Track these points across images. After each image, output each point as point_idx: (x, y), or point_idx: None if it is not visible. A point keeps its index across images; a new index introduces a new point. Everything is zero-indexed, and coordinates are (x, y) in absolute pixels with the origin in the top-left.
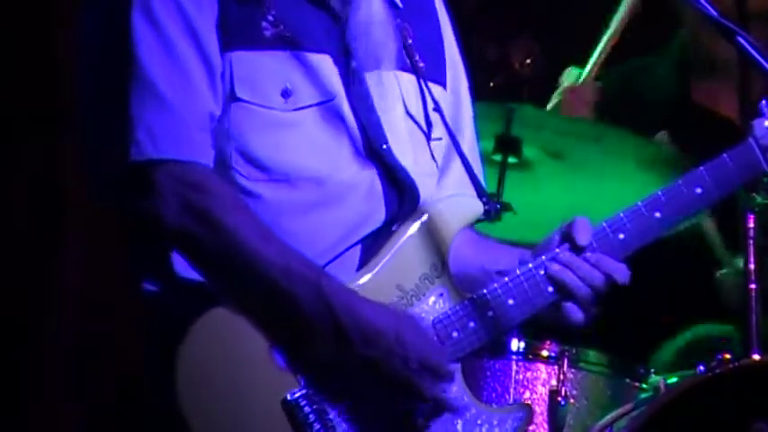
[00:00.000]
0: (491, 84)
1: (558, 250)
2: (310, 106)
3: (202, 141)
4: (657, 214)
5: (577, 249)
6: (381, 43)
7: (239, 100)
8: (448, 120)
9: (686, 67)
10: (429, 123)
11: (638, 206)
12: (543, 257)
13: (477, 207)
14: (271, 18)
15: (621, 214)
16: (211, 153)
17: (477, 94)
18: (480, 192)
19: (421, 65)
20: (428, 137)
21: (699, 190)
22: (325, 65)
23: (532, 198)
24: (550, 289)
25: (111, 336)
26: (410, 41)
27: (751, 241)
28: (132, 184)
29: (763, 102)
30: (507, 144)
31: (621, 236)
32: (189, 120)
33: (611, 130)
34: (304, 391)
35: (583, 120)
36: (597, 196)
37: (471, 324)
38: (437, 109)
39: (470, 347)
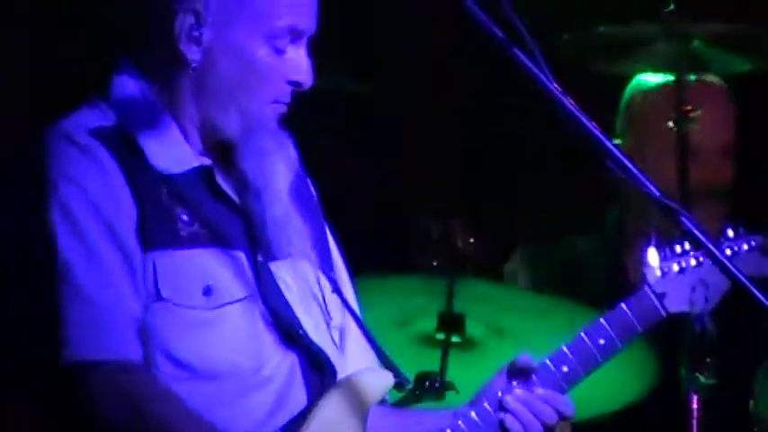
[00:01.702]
0: (434, 263)
1: (516, 387)
2: (230, 303)
3: (132, 339)
4: (565, 368)
5: (528, 372)
6: (296, 234)
7: (164, 299)
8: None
9: (623, 249)
10: (327, 310)
11: (545, 362)
12: (484, 401)
13: (389, 378)
14: (185, 218)
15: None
16: (140, 350)
17: (420, 272)
18: (388, 365)
19: (314, 251)
20: (328, 324)
21: (602, 341)
22: (240, 261)
23: (477, 377)
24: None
25: None
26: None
27: (695, 422)
28: (66, 384)
29: (649, 251)
30: (450, 322)
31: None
32: (117, 320)
33: (557, 303)
34: None
35: (527, 294)
36: None
37: None
38: (336, 289)
39: None
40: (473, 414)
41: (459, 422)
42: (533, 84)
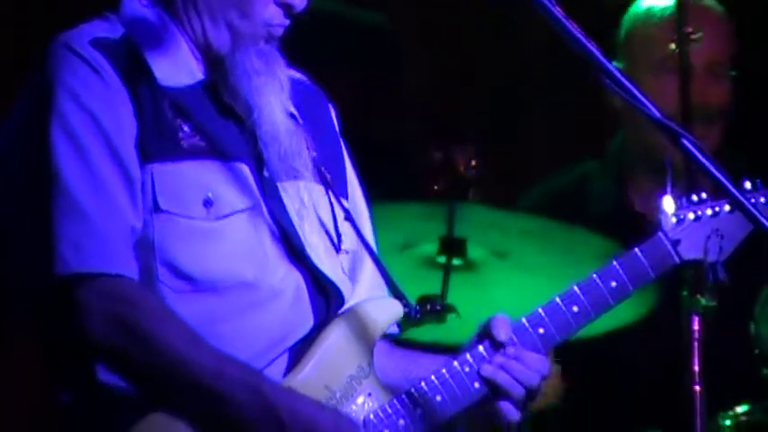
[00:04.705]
0: (435, 187)
1: (480, 348)
2: (232, 214)
3: (126, 254)
4: (575, 308)
5: (497, 345)
6: (292, 153)
7: (162, 211)
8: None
9: (626, 173)
10: (339, 235)
11: (556, 301)
12: (467, 354)
13: (398, 307)
14: (187, 129)
15: (540, 309)
16: (135, 266)
17: (422, 196)
18: (398, 294)
19: (328, 176)
20: (337, 249)
21: (614, 283)
22: (243, 173)
23: (478, 299)
24: (477, 385)
25: None
26: (314, 154)
27: (696, 343)
28: (57, 298)
29: (663, 198)
30: (451, 245)
31: (541, 330)
32: (112, 234)
33: (557, 225)
34: None
35: (527, 216)
36: (544, 296)
37: (402, 422)
38: (348, 218)
39: None
40: (456, 363)
41: (444, 371)
42: (534, 6)
